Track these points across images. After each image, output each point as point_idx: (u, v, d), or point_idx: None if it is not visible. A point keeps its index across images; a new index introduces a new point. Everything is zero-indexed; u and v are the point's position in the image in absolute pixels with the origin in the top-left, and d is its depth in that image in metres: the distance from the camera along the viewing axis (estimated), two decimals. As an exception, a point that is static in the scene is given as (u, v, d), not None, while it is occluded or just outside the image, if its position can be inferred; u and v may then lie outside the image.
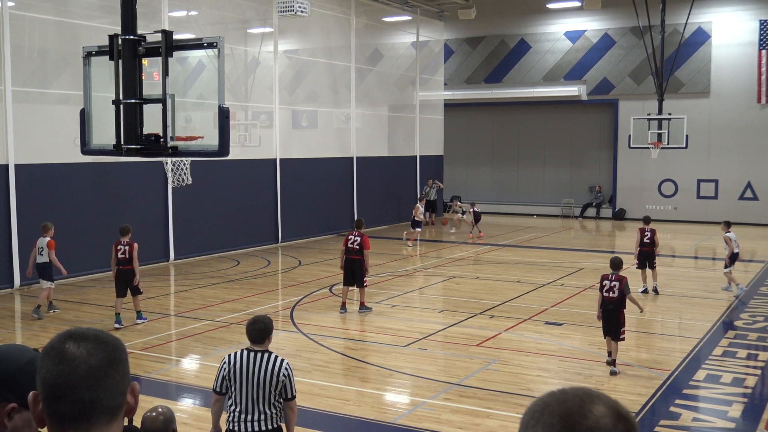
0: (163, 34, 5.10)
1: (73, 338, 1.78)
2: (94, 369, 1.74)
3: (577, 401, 1.43)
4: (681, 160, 28.74)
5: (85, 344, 1.76)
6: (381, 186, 27.34)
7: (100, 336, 1.81)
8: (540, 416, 1.43)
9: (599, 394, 1.46)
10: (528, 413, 1.46)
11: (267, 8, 22.52)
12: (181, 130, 5.24)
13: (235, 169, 21.17)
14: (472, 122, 33.56)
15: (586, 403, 1.42)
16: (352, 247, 13.64)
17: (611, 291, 10.23)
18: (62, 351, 1.75)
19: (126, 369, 1.82)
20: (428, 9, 29.52)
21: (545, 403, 1.45)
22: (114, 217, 17.89)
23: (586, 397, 1.44)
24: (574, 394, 1.45)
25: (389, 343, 11.80)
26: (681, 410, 8.90)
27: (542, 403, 1.46)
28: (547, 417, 1.42)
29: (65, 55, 18.54)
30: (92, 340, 1.78)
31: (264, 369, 5.96)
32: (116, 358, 1.79)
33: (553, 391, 1.48)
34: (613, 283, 10.22)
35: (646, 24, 24.68)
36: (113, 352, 1.79)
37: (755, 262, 20.26)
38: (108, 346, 1.79)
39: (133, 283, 12.73)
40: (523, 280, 17.23)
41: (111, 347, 1.79)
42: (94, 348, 1.76)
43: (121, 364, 1.80)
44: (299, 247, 22.31)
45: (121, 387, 1.79)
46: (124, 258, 12.65)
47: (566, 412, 1.41)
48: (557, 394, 1.46)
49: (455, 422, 8.48)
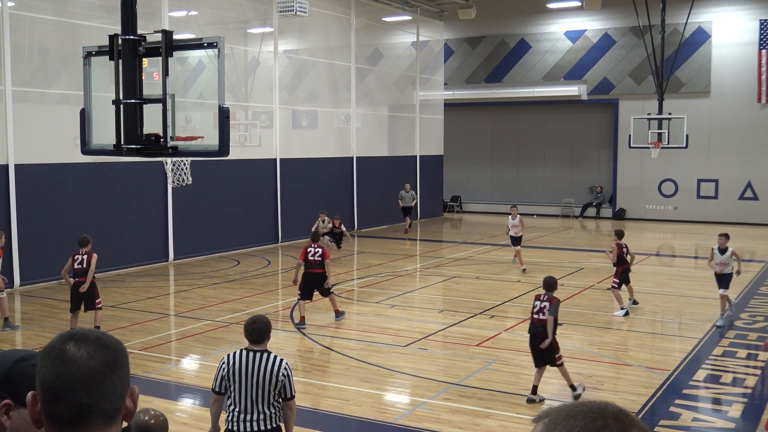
0: (163, 34, 5.09)
1: (74, 339, 1.76)
2: (94, 372, 1.72)
3: (617, 426, 1.30)
4: (681, 160, 28.74)
5: (86, 346, 1.75)
6: (381, 186, 27.33)
7: (101, 338, 1.79)
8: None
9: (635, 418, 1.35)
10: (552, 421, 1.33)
11: (267, 8, 22.51)
12: (181, 130, 5.23)
13: (235, 169, 21.17)
14: (472, 122, 33.56)
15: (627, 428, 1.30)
16: (313, 260, 12.77)
17: (541, 312, 9.27)
18: (62, 352, 1.74)
19: (126, 373, 1.81)
20: (428, 9, 29.52)
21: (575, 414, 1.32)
22: (114, 217, 17.91)
23: (625, 419, 1.32)
24: (615, 416, 1.32)
25: (389, 343, 11.79)
26: (681, 410, 8.90)
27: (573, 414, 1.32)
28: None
29: (65, 55, 18.53)
30: (93, 342, 1.77)
31: (263, 369, 5.96)
32: (117, 362, 1.78)
33: (586, 403, 1.35)
34: (544, 303, 9.30)
35: (647, 24, 24.67)
36: (114, 356, 1.78)
37: (755, 262, 20.26)
38: (109, 349, 1.78)
39: (92, 299, 11.65)
40: (523, 280, 17.23)
41: (112, 350, 1.78)
42: (95, 350, 1.75)
43: (121, 367, 1.79)
44: (299, 247, 22.26)
45: (120, 391, 1.77)
46: (80, 269, 11.62)
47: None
48: (594, 409, 1.33)
49: (455, 422, 8.48)
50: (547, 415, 1.35)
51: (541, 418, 1.35)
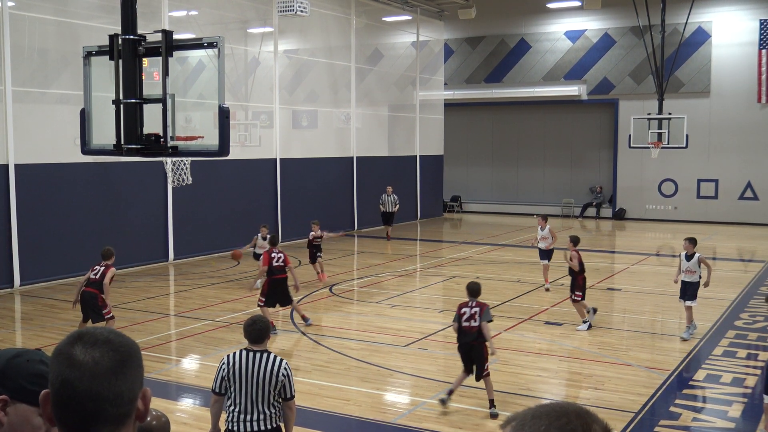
0: (163, 34, 5.09)
1: (82, 342, 1.70)
2: (99, 378, 1.67)
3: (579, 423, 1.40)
4: (681, 159, 28.74)
5: (94, 350, 1.69)
6: (381, 186, 27.29)
7: (112, 340, 1.72)
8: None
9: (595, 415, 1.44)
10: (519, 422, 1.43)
11: (267, 8, 22.51)
12: (181, 130, 5.23)
13: (235, 169, 21.17)
14: (472, 122, 33.56)
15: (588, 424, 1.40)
16: (277, 266, 12.27)
17: (472, 320, 8.73)
18: (70, 356, 1.69)
19: (138, 375, 1.74)
20: (428, 9, 29.52)
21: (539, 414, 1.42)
22: (114, 217, 17.91)
23: (586, 416, 1.42)
24: (576, 414, 1.42)
25: (389, 343, 11.79)
26: (681, 410, 8.90)
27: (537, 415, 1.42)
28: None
29: (65, 55, 18.53)
30: (102, 345, 1.70)
31: (263, 369, 5.96)
32: (126, 365, 1.71)
33: (548, 404, 1.45)
34: (474, 310, 8.78)
35: (646, 24, 24.68)
36: (124, 358, 1.71)
37: (755, 262, 20.25)
38: (118, 352, 1.71)
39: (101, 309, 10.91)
40: (523, 280, 17.23)
41: (122, 353, 1.71)
42: (102, 355, 1.69)
43: (132, 370, 1.72)
44: (299, 247, 22.30)
45: (129, 395, 1.71)
46: (94, 280, 10.91)
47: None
48: (556, 410, 1.43)
49: (455, 422, 8.48)
50: (513, 419, 1.45)
51: (509, 422, 1.46)
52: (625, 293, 16.04)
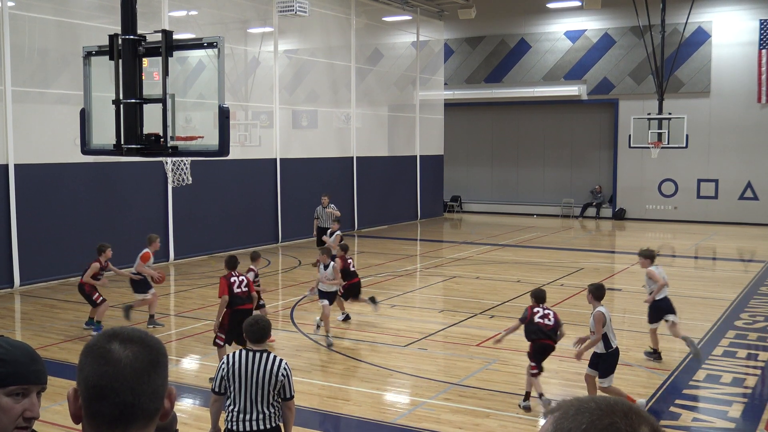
0: (163, 34, 5.10)
1: (118, 339, 1.78)
2: (139, 372, 1.74)
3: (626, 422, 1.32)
4: (681, 159, 28.74)
5: (131, 346, 1.76)
6: (381, 186, 27.34)
7: (144, 339, 1.80)
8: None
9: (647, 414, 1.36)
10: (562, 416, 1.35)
11: (267, 8, 22.51)
12: (181, 130, 5.24)
13: (235, 169, 21.17)
14: (472, 122, 33.56)
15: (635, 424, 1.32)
16: (240, 292, 9.95)
17: (546, 318, 9.08)
18: (108, 351, 1.75)
19: (166, 373, 1.82)
20: (428, 9, 29.51)
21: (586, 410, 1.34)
22: (114, 217, 17.90)
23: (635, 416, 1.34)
24: (623, 413, 1.33)
25: (389, 343, 11.79)
26: (681, 410, 8.90)
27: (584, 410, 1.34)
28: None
29: (65, 55, 18.53)
30: (138, 342, 1.78)
31: (263, 369, 5.97)
32: (159, 362, 1.79)
33: (594, 398, 1.37)
34: (547, 311, 9.10)
35: (646, 23, 24.67)
36: (157, 356, 1.79)
37: (755, 262, 20.25)
38: (152, 349, 1.79)
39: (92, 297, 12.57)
40: (523, 280, 17.22)
41: (155, 351, 1.80)
42: (140, 350, 1.76)
43: (163, 368, 1.80)
44: (299, 247, 22.30)
45: (161, 392, 1.78)
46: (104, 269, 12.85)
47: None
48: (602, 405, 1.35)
49: (455, 422, 8.48)
50: (558, 409, 1.37)
51: (552, 412, 1.38)
52: (625, 293, 16.03)
